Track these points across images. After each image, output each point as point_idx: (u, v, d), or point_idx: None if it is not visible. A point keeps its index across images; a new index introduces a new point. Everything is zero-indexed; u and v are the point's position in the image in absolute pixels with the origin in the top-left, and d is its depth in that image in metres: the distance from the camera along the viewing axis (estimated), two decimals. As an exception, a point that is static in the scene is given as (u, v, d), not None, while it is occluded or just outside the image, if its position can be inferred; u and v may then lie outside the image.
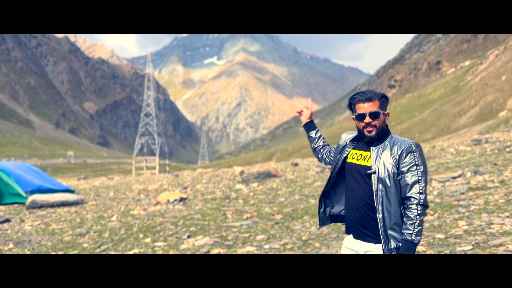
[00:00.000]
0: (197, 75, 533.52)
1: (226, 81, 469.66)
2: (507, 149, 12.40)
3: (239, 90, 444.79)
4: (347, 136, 2.52)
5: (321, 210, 2.59)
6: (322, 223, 2.59)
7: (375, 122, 2.30)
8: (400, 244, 2.21)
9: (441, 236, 5.24)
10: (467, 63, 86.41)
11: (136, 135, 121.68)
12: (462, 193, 7.71)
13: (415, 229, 2.16)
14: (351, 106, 2.41)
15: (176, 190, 15.94)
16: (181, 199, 12.25)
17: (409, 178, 2.19)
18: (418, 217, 2.17)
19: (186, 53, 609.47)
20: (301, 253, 5.65)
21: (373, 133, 2.31)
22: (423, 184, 2.20)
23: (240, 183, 15.58)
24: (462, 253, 4.48)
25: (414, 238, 2.16)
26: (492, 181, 8.27)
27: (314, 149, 2.72)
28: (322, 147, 2.68)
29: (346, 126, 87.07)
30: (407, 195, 2.20)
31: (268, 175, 16.78)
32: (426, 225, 5.98)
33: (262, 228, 7.64)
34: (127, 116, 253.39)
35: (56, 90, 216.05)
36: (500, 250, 4.35)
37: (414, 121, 64.48)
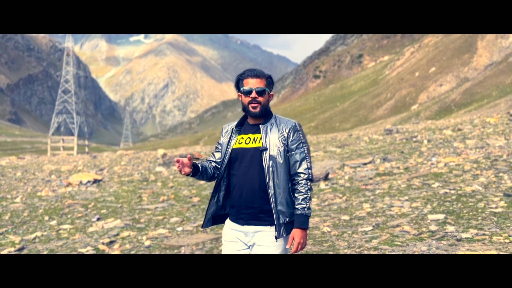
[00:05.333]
0: (122, 52, 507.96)
1: (153, 61, 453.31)
2: (414, 139, 13.41)
3: (167, 71, 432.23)
4: (229, 126, 2.47)
5: (210, 210, 2.44)
6: (206, 224, 2.46)
7: (260, 99, 2.35)
8: (288, 219, 2.26)
9: (346, 217, 5.50)
10: (386, 58, 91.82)
11: (53, 113, 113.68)
12: (370, 178, 8.19)
13: (307, 203, 2.26)
14: (239, 83, 2.41)
15: (92, 171, 15.15)
16: (95, 181, 11.65)
17: (298, 155, 2.31)
18: (308, 191, 2.28)
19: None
20: (214, 235, 5.62)
21: (257, 109, 2.35)
22: (310, 160, 2.33)
23: (161, 165, 15.19)
24: (364, 234, 4.74)
25: (307, 212, 2.26)
26: (398, 167, 8.89)
27: (212, 179, 2.48)
28: (212, 169, 2.47)
29: (273, 111, 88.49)
30: (297, 171, 2.29)
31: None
32: (334, 207, 6.26)
33: (178, 211, 7.50)
34: (43, 92, 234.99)
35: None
36: (397, 231, 4.66)
37: (335, 111, 67.42)
